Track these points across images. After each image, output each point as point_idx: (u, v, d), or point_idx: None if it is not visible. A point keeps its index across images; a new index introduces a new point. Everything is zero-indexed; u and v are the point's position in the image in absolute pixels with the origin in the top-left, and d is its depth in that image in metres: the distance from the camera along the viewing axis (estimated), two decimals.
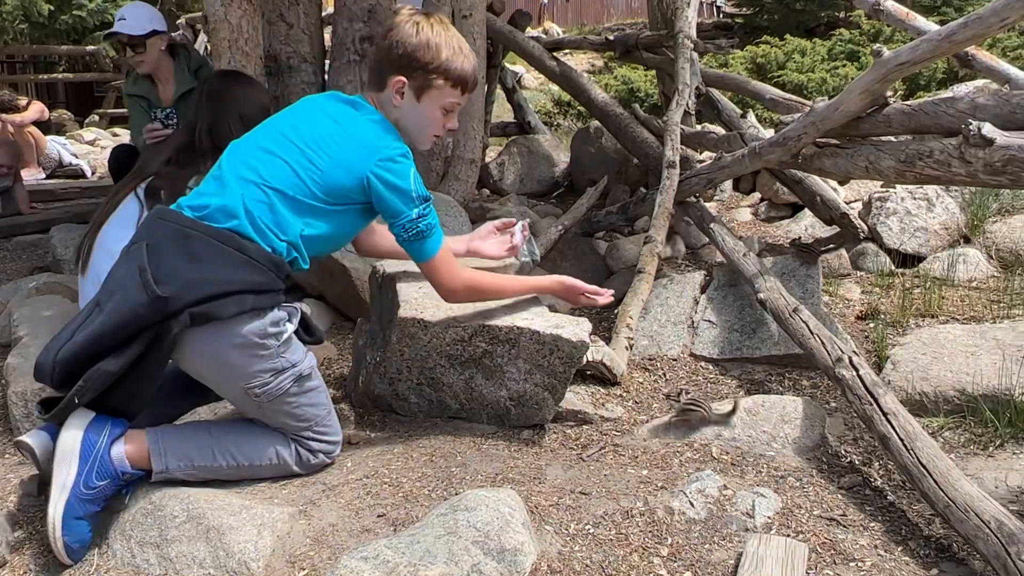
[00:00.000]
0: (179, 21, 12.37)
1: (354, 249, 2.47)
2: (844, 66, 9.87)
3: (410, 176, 1.96)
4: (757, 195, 4.99)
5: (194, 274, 1.81)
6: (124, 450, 1.85)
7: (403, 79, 2.02)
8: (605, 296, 2.31)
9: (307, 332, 2.06)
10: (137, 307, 1.76)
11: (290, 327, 1.94)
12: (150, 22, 3.67)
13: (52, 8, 12.10)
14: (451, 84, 2.05)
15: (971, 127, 2.29)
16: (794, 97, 4.39)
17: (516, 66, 11.79)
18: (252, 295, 1.84)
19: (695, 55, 4.73)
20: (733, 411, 2.29)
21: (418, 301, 2.36)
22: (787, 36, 10.95)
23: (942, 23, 3.38)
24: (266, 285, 1.86)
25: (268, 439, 2.00)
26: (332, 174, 1.94)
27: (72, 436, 1.80)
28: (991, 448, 2.18)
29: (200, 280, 1.80)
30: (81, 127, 12.37)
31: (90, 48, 13.05)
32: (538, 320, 2.30)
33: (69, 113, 13.30)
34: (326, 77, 4.13)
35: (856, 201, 4.32)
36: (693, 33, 4.76)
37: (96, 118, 12.80)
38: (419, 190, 1.97)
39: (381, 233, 2.38)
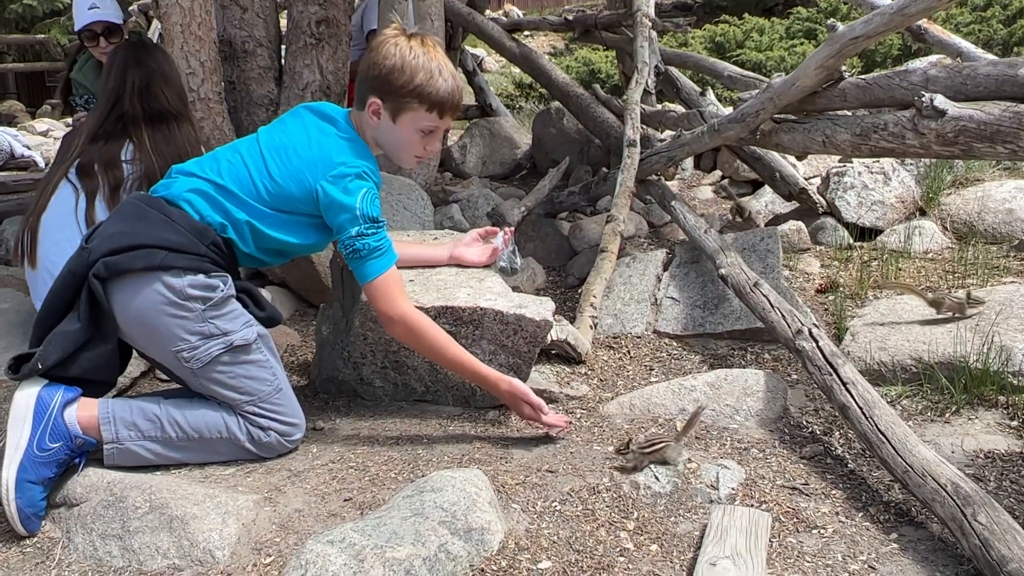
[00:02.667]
0: (131, 8, 12.09)
1: (339, 258, 2.47)
2: (802, 44, 9.94)
3: (358, 195, 1.96)
4: (718, 173, 5.03)
5: (114, 229, 1.96)
6: (76, 415, 1.88)
7: (378, 101, 2.04)
8: (554, 421, 2.11)
9: (257, 306, 2.09)
10: (70, 262, 1.95)
11: (220, 294, 1.96)
12: (117, 9, 3.62)
13: None
14: (426, 108, 2.04)
15: (924, 99, 2.32)
16: (752, 74, 4.43)
17: (477, 49, 11.72)
18: (164, 251, 1.91)
19: (654, 34, 4.74)
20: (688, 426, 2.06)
21: None
22: (745, 15, 11.00)
23: None
24: (183, 246, 1.93)
25: (216, 411, 2.00)
26: (284, 183, 2.02)
27: (26, 397, 1.84)
28: (947, 414, 2.22)
29: (117, 234, 1.94)
30: (33, 118, 12.07)
31: (40, 37, 12.72)
32: (501, 300, 2.29)
33: (20, 104, 12.97)
34: (282, 62, 4.07)
35: (815, 177, 4.37)
36: (651, 12, 4.77)
37: (48, 108, 12.50)
38: (368, 210, 1.96)
39: None
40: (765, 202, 4.26)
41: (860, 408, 1.96)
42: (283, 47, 4.15)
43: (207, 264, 1.96)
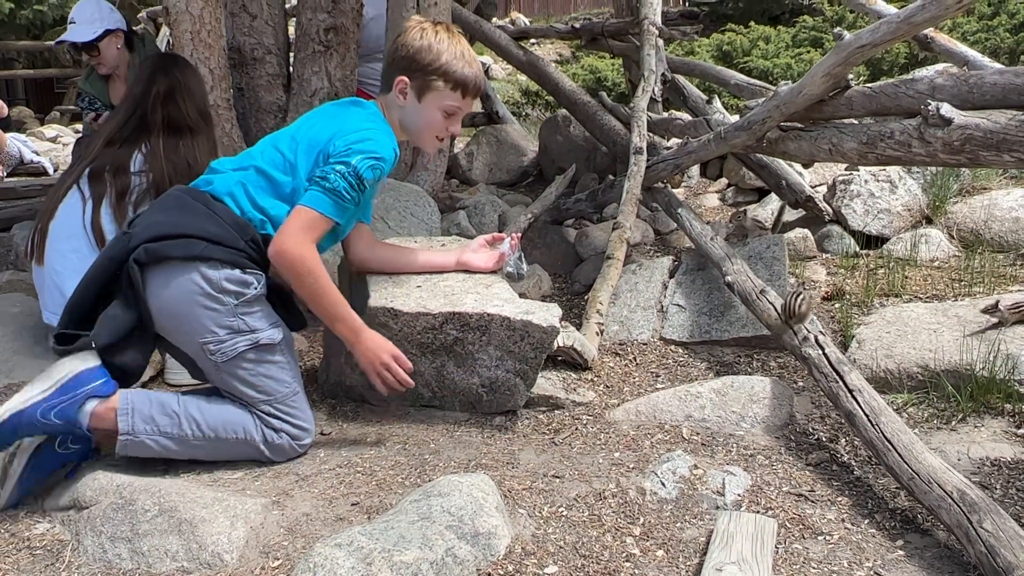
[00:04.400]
0: (140, 15, 12.17)
1: (348, 264, 2.48)
2: (808, 52, 9.97)
3: (359, 156, 1.99)
4: (724, 180, 5.04)
5: (157, 217, 2.02)
6: (95, 408, 1.92)
7: (405, 79, 2.12)
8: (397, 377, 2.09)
9: (286, 310, 2.13)
10: (109, 247, 2.02)
11: (253, 291, 2.00)
12: (101, 22, 3.60)
13: (12, 5, 11.84)
14: (451, 87, 2.12)
15: (930, 107, 2.32)
16: (758, 82, 4.44)
17: (484, 56, 11.77)
18: (204, 242, 1.95)
19: (660, 42, 4.76)
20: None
21: (389, 290, 2.36)
22: (752, 23, 11.03)
23: (903, 8, 3.42)
24: (222, 239, 1.97)
25: (235, 413, 2.03)
26: (303, 152, 2.07)
27: (70, 365, 1.91)
28: (953, 422, 2.23)
29: (159, 222, 1.99)
30: (42, 124, 12.14)
31: (50, 43, 12.79)
32: (508, 306, 2.31)
33: (29, 110, 13.05)
34: (291, 69, 4.09)
35: (821, 184, 4.37)
36: (658, 20, 4.78)
37: (57, 115, 12.57)
38: (361, 168, 1.99)
39: (371, 247, 2.41)
40: (771, 210, 4.27)
41: (866, 415, 1.96)
42: (292, 54, 4.18)
43: (244, 259, 2.00)
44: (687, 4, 17.67)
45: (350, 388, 2.45)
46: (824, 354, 2.21)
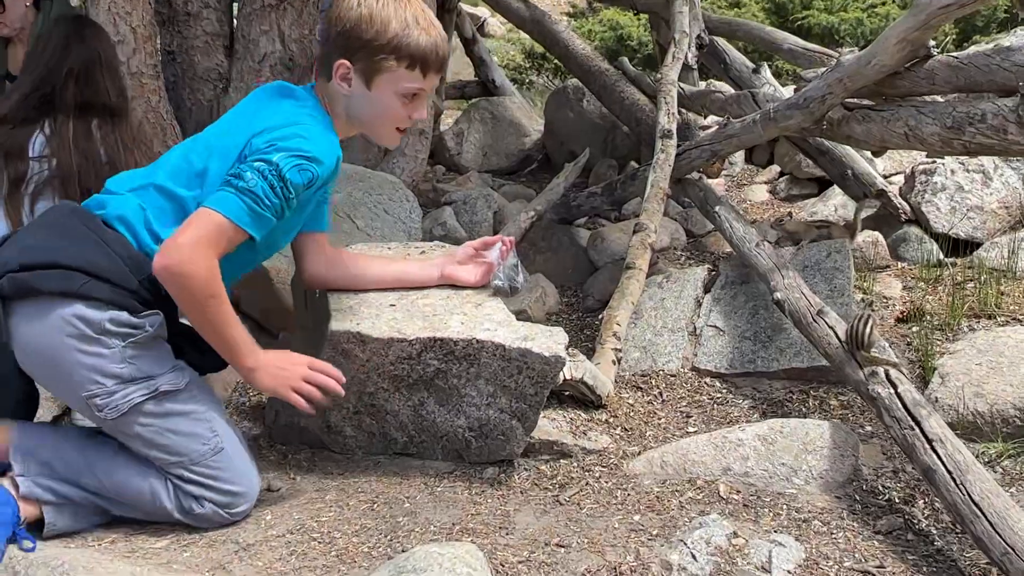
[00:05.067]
0: None
1: (303, 283, 2.48)
2: (884, 5, 9.97)
3: (284, 154, 1.94)
4: (775, 168, 5.05)
5: (31, 240, 2.00)
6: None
7: (347, 63, 2.06)
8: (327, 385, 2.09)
9: (195, 349, 2.09)
10: None
11: (145, 333, 1.98)
12: None
13: None
14: (406, 64, 2.06)
15: None
16: (818, 47, 4.45)
17: (479, 8, 11.78)
18: (86, 277, 1.93)
19: None
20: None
21: (354, 310, 2.36)
22: None
23: None
24: (110, 274, 1.95)
25: (142, 469, 2.02)
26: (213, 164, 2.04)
27: None
28: None
29: (33, 247, 1.97)
30: None
31: None
32: (503, 331, 2.31)
33: None
34: (234, 27, 4.10)
35: (896, 174, 4.38)
36: None
37: None
38: (285, 169, 1.93)
39: (331, 261, 2.40)
40: (834, 205, 4.27)
41: (948, 472, 1.96)
42: (235, 8, 4.19)
43: (135, 302, 1.97)
44: None
45: (305, 431, 2.45)
46: (896, 393, 2.21)
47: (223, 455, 2.05)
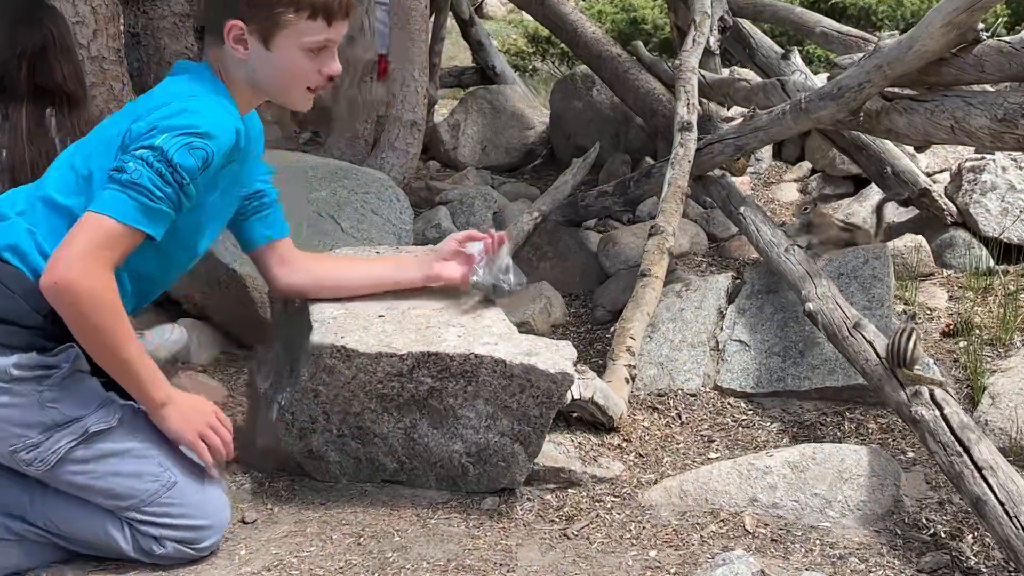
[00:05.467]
0: None
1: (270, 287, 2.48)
2: None
3: (171, 134, 1.88)
4: (807, 165, 5.06)
5: None
6: None
7: (239, 23, 2.02)
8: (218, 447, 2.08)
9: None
10: None
11: (60, 372, 1.93)
12: None
13: None
14: (307, 15, 2.02)
15: None
16: (854, 31, 4.45)
17: None
18: None
19: None
20: None
21: (339, 322, 2.36)
22: None
23: None
24: (8, 315, 1.91)
25: (92, 508, 2.01)
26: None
27: None
28: None
29: None
30: None
31: None
32: (504, 345, 2.31)
33: None
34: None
35: (941, 171, 4.39)
36: None
37: None
38: (172, 153, 1.87)
39: (299, 267, 2.39)
40: (871, 207, 4.28)
41: (1000, 503, 1.96)
42: None
43: (42, 340, 1.93)
44: None
45: (285, 456, 2.45)
46: (942, 415, 2.21)
47: (177, 489, 2.02)
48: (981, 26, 2.85)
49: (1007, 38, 2.84)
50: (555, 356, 2.31)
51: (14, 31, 2.75)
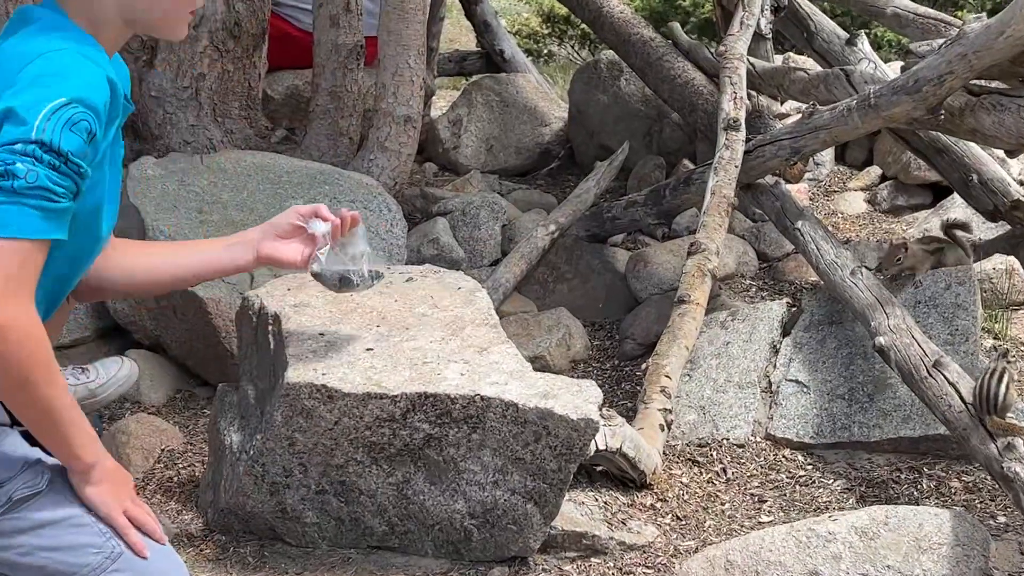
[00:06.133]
0: None
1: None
2: None
3: (45, 106, 1.78)
4: (876, 170, 5.07)
5: None
6: None
7: None
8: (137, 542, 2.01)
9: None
10: None
11: None
12: None
13: None
14: None
15: None
16: (933, 12, 4.47)
17: None
18: None
19: None
20: None
21: (319, 355, 2.38)
22: None
23: None
24: None
25: None
26: None
27: None
28: None
29: None
30: None
31: None
32: (515, 385, 2.32)
33: None
34: None
35: None
36: None
37: None
38: (52, 135, 1.78)
39: (107, 257, 2.23)
40: (953, 220, 4.29)
41: None
42: None
43: None
44: None
45: (253, 516, 2.46)
46: None
47: (124, 560, 2.01)
48: None
49: None
50: (576, 399, 2.32)
51: None
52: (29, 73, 1.82)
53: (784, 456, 2.88)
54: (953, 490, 2.70)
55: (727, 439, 2.95)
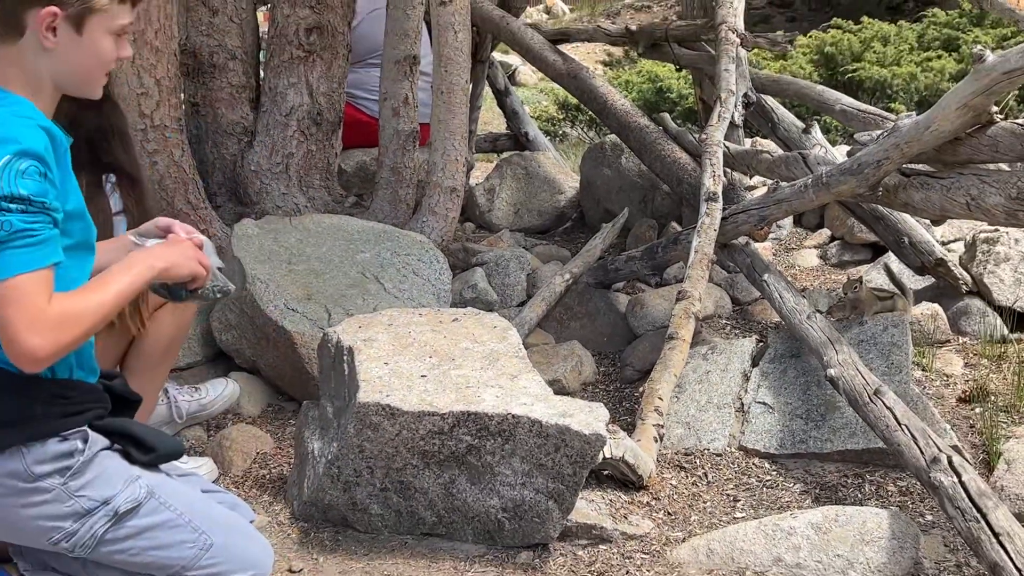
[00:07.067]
0: None
1: None
2: (939, 58, 10.02)
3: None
4: (826, 232, 5.07)
5: None
6: None
7: (54, 10, 1.84)
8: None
9: (140, 449, 2.00)
10: None
11: (80, 458, 1.89)
12: None
13: None
14: (117, 0, 1.91)
15: None
16: (873, 109, 4.48)
17: (509, 56, 11.96)
18: None
19: (743, 52, 4.83)
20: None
21: (384, 381, 2.40)
22: (864, 18, 11.15)
23: None
24: (11, 414, 1.85)
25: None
26: None
27: None
28: None
29: None
30: None
31: None
32: (540, 406, 2.34)
33: None
34: (261, 80, 4.21)
35: (956, 241, 4.39)
36: (740, 24, 4.86)
37: None
38: (11, 186, 1.71)
39: None
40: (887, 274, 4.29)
41: (1018, 570, 1.96)
42: (263, 61, 4.30)
43: (52, 424, 1.87)
44: None
45: (330, 508, 2.48)
46: (960, 482, 2.21)
47: (215, 549, 1.99)
48: (995, 109, 2.87)
49: (1020, 120, 2.86)
50: (589, 418, 2.34)
51: (79, 114, 2.84)
52: None
53: (754, 464, 2.89)
54: (890, 493, 2.70)
55: (708, 449, 2.96)
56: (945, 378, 3.32)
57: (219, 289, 2.04)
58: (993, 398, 3.13)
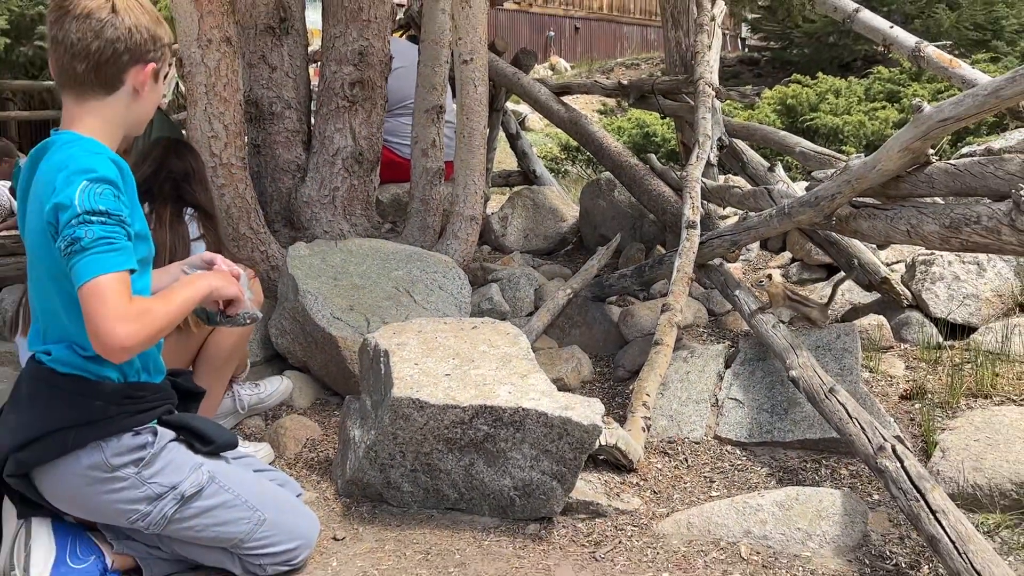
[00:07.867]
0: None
1: None
2: (884, 108, 10.02)
3: (76, 187, 1.73)
4: (787, 254, 5.06)
5: (15, 420, 1.90)
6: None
7: (156, 67, 1.92)
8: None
9: (201, 441, 2.04)
10: None
11: (151, 450, 1.93)
12: None
13: (8, 40, 12.27)
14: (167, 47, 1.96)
15: (1022, 192, 2.36)
16: (827, 151, 4.48)
17: (520, 106, 12.00)
18: (71, 430, 1.86)
19: (718, 103, 4.84)
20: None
21: (414, 379, 2.40)
22: (819, 74, 11.15)
23: (993, 60, 3.43)
24: (89, 416, 1.87)
25: (209, 548, 2.06)
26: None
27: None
28: None
29: (20, 425, 1.88)
30: None
31: (48, 83, 13.24)
32: (546, 400, 2.34)
33: (22, 155, 13.42)
34: (312, 125, 4.23)
35: (898, 262, 4.37)
36: (715, 79, 4.87)
37: None
38: (90, 203, 1.73)
39: None
40: (842, 289, 4.27)
41: (952, 542, 1.95)
42: (313, 109, 4.32)
43: (125, 421, 1.91)
44: (745, 50, 17.96)
45: (367, 486, 2.48)
46: (903, 467, 2.20)
47: (268, 524, 2.04)
48: (931, 151, 2.87)
49: (952, 161, 2.85)
50: (587, 411, 2.33)
51: (165, 159, 2.89)
52: (61, 177, 1.75)
53: (727, 450, 2.88)
54: (842, 476, 2.68)
55: (688, 438, 2.95)
56: (889, 379, 3.31)
57: (249, 316, 2.04)
58: (930, 396, 3.11)
